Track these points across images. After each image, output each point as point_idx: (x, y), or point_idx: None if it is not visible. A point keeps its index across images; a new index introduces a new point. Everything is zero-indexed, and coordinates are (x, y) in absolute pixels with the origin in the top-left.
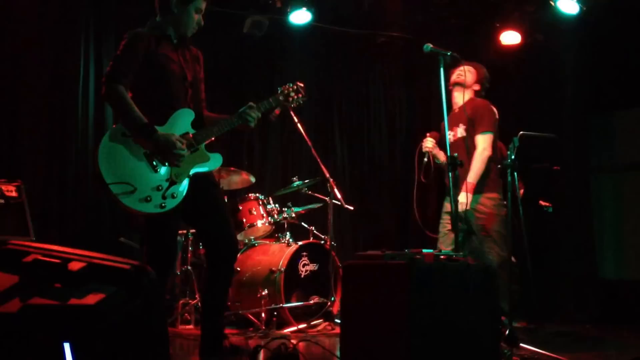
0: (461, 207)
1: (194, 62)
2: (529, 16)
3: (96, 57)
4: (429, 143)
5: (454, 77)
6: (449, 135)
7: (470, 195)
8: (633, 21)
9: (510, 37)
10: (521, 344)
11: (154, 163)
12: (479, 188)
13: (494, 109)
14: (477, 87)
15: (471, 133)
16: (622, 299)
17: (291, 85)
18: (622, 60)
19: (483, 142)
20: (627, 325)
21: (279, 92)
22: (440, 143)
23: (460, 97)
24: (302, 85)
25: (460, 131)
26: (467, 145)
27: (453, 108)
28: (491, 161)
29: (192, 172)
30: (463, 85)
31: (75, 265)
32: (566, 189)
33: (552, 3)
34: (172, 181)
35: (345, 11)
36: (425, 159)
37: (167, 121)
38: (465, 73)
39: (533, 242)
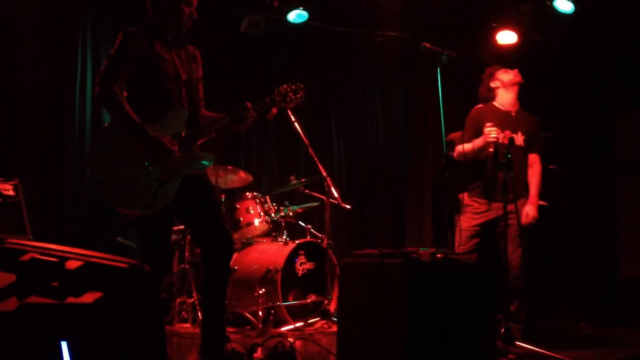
0: (526, 219)
1: (190, 61)
2: (525, 15)
3: (93, 56)
4: (494, 133)
5: (516, 78)
6: (502, 137)
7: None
8: (630, 19)
9: (506, 37)
10: (517, 342)
11: (145, 163)
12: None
13: None
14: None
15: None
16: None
17: (290, 85)
18: (620, 57)
19: (539, 162)
20: (622, 323)
21: (277, 92)
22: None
23: (514, 99)
24: (301, 85)
25: (519, 140)
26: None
27: (508, 109)
28: None
29: (184, 172)
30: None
31: (72, 264)
32: (563, 186)
33: (549, 2)
34: (163, 181)
35: (343, 11)
36: (492, 150)
37: (160, 120)
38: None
39: (530, 241)
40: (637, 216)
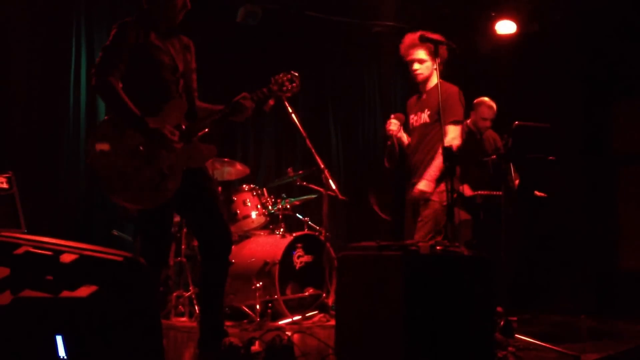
0: (420, 195)
1: (185, 51)
2: (524, 5)
3: (88, 46)
4: (393, 126)
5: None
6: (412, 119)
7: (432, 184)
8: (629, 11)
9: (505, 27)
10: (516, 335)
11: (146, 155)
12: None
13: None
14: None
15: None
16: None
17: (285, 74)
18: (619, 50)
19: (451, 134)
20: (623, 315)
21: (274, 81)
22: (406, 125)
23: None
24: (296, 74)
25: (424, 117)
26: (429, 133)
27: (421, 91)
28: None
29: (186, 164)
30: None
31: (67, 258)
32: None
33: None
34: (165, 174)
35: (340, 0)
36: (389, 143)
37: (159, 113)
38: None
39: (529, 233)
40: (636, 208)
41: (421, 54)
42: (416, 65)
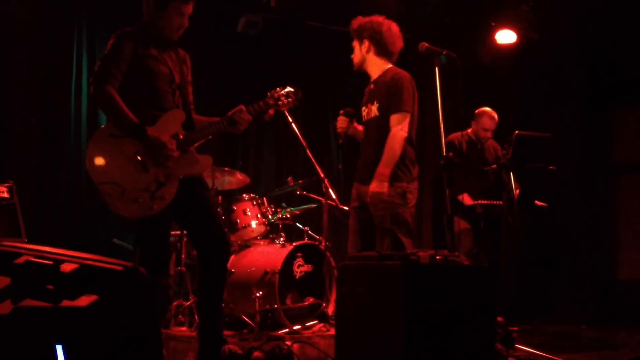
0: (378, 197)
1: (181, 64)
2: (524, 15)
3: (89, 55)
4: (342, 123)
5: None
6: (363, 113)
7: (386, 185)
8: (628, 16)
9: (505, 36)
10: (517, 345)
11: (143, 164)
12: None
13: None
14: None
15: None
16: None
17: (282, 89)
18: (619, 58)
19: (395, 124)
20: (623, 325)
21: (269, 96)
22: (358, 119)
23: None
24: (292, 90)
25: (374, 109)
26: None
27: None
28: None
29: (182, 173)
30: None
31: (67, 267)
32: (562, 187)
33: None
34: (161, 182)
35: (340, 10)
36: (341, 142)
37: (157, 121)
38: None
39: (530, 242)
40: (636, 217)
41: (353, 41)
42: (352, 56)
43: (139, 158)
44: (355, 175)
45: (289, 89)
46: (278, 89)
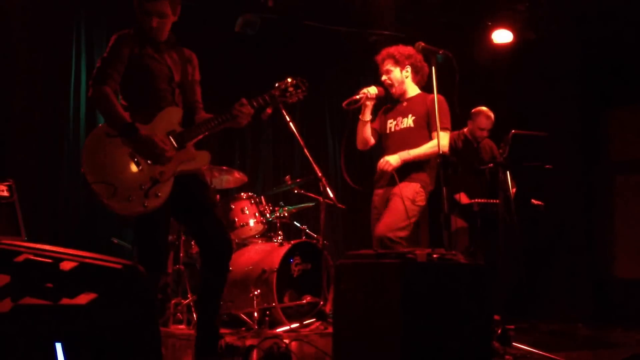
0: (386, 166)
1: (185, 63)
2: (520, 14)
3: (88, 56)
4: (373, 91)
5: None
6: (389, 124)
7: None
8: (623, 17)
9: (502, 36)
10: (514, 343)
11: (137, 162)
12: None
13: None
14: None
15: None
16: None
17: (293, 79)
18: (615, 57)
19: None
20: (619, 323)
21: (276, 87)
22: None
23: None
24: (303, 81)
25: (408, 122)
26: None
27: (400, 100)
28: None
29: (177, 170)
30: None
31: (66, 265)
32: (559, 186)
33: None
34: (156, 180)
35: (337, 10)
36: (345, 103)
37: (153, 120)
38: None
39: (526, 241)
40: (632, 216)
41: (388, 65)
42: (384, 77)
43: (132, 157)
44: (375, 182)
45: (299, 79)
46: (287, 79)
